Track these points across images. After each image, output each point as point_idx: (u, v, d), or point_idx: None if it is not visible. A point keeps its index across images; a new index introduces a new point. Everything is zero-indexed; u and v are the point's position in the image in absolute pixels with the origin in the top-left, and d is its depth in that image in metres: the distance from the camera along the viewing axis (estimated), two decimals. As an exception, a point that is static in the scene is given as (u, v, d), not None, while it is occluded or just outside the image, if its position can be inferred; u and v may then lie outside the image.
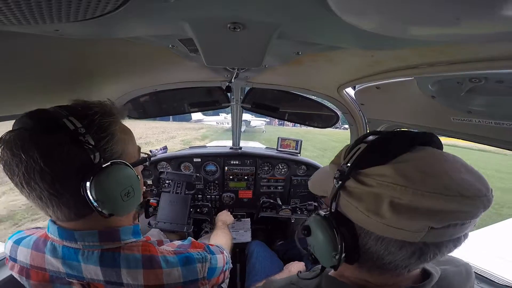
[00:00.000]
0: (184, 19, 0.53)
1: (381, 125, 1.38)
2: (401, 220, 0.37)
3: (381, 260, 0.43)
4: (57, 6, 0.35)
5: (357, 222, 0.43)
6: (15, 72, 0.71)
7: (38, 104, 0.55)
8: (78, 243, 0.55)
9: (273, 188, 2.08)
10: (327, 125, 1.83)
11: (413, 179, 0.37)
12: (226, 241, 1.15)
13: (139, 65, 1.11)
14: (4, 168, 0.49)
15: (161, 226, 1.49)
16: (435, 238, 0.38)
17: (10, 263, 0.62)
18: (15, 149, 0.47)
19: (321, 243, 0.46)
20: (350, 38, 0.60)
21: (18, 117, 0.51)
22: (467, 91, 0.69)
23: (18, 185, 0.49)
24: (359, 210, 0.42)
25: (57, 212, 0.52)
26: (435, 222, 0.36)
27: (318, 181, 0.60)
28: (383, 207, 0.38)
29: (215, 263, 0.68)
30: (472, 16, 0.29)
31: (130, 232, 0.61)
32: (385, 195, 0.38)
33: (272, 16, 0.50)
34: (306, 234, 0.50)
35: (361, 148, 0.45)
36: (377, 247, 0.42)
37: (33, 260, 0.58)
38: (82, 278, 0.56)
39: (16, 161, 0.47)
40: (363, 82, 1.10)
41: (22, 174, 0.47)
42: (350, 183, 0.43)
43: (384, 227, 0.39)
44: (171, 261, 0.60)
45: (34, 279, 0.59)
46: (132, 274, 0.56)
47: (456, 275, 0.53)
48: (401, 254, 0.41)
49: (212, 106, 1.78)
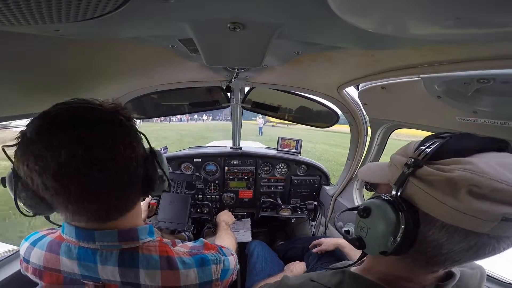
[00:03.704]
0: (184, 20, 0.53)
1: (383, 124, 1.38)
2: (478, 207, 0.37)
3: (437, 250, 0.43)
4: (57, 6, 0.35)
5: (424, 209, 0.43)
6: (15, 72, 0.71)
7: (38, 104, 0.55)
8: (97, 243, 0.55)
9: (273, 188, 2.08)
10: (327, 125, 1.83)
11: (497, 171, 0.38)
12: (232, 242, 1.16)
13: (139, 65, 1.11)
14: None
15: (162, 225, 1.49)
16: (502, 231, 0.38)
17: (24, 264, 0.62)
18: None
19: (381, 226, 0.46)
20: (350, 38, 0.60)
21: (18, 117, 0.51)
22: (473, 92, 0.69)
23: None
24: (430, 195, 0.41)
25: (98, 210, 0.52)
26: (511, 214, 0.36)
27: (376, 169, 0.60)
28: (461, 193, 0.38)
29: (227, 264, 0.68)
30: (472, 16, 0.29)
31: (146, 231, 0.61)
32: (464, 182, 0.38)
33: (272, 16, 0.50)
34: (365, 216, 0.49)
35: (437, 142, 0.45)
36: (440, 235, 0.42)
37: (47, 262, 0.58)
38: (97, 280, 0.56)
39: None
40: (363, 81, 1.10)
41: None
42: (423, 170, 0.43)
43: (455, 213, 0.38)
44: (188, 262, 0.60)
45: (47, 281, 0.58)
46: (150, 275, 0.56)
47: (472, 277, 0.53)
48: (462, 244, 0.41)
49: (212, 106, 1.78)
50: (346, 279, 0.54)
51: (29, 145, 0.45)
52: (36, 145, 0.45)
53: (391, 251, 0.45)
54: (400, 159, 0.49)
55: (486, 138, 0.44)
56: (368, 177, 0.61)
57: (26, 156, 0.45)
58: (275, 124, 27.25)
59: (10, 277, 0.95)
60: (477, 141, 0.44)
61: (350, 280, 0.53)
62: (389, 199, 0.46)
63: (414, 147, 0.48)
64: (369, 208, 0.49)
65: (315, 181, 2.05)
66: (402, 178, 0.46)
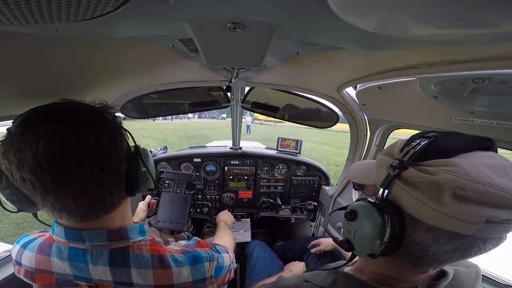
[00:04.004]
0: (184, 19, 0.53)
1: (382, 125, 1.38)
2: (462, 210, 0.37)
3: (424, 252, 0.43)
4: (57, 6, 0.35)
5: (409, 211, 0.43)
6: (15, 72, 0.71)
7: (38, 104, 0.55)
8: (86, 243, 0.55)
9: (273, 188, 2.08)
10: (327, 125, 1.83)
11: (482, 173, 0.37)
12: (230, 241, 1.16)
13: (139, 65, 1.11)
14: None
15: (161, 225, 1.49)
16: (487, 232, 0.38)
17: (16, 267, 0.62)
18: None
19: (368, 229, 0.46)
20: (350, 38, 0.60)
21: (14, 118, 0.51)
22: (469, 92, 0.69)
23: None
24: (415, 198, 0.41)
25: (83, 206, 0.51)
26: (495, 216, 0.36)
27: (363, 169, 0.59)
28: (445, 196, 0.38)
29: (222, 262, 0.68)
30: (473, 15, 0.29)
31: (136, 230, 0.61)
32: (448, 185, 0.38)
33: (272, 16, 0.50)
34: (351, 219, 0.49)
35: (422, 142, 0.44)
36: (425, 237, 0.42)
37: (39, 264, 0.58)
38: (90, 280, 0.56)
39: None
40: (363, 82, 1.10)
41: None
42: (408, 172, 0.43)
43: (440, 216, 0.38)
44: (180, 260, 0.60)
45: (40, 283, 0.58)
46: (142, 274, 0.56)
47: (467, 275, 0.53)
48: (448, 246, 0.41)
49: (212, 106, 1.78)
50: (339, 279, 0.54)
51: (12, 139, 0.46)
52: (17, 139, 0.46)
53: (378, 254, 0.45)
54: (385, 159, 0.48)
55: (471, 137, 0.44)
56: (356, 178, 0.60)
57: (8, 150, 0.46)
58: (263, 122, 27.19)
59: (9, 277, 0.95)
60: (462, 140, 0.44)
61: (343, 280, 0.53)
62: (375, 201, 0.46)
63: (400, 147, 0.48)
64: (355, 211, 0.48)
65: (315, 182, 2.05)
66: (388, 180, 0.45)
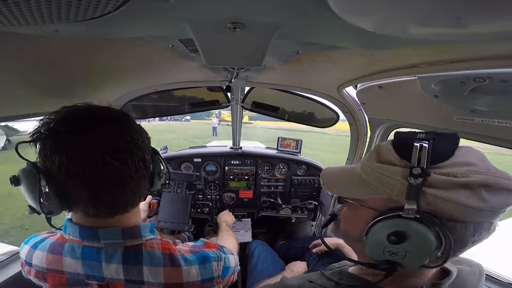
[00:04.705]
0: (184, 20, 0.53)
1: (382, 124, 1.38)
2: (497, 202, 0.41)
3: (463, 247, 0.45)
4: (57, 6, 0.35)
5: (447, 215, 0.42)
6: (16, 73, 0.71)
7: (38, 104, 0.55)
8: (101, 241, 0.56)
9: (273, 188, 2.08)
10: (327, 124, 1.82)
11: (491, 167, 0.42)
12: (234, 244, 1.16)
13: (139, 65, 1.11)
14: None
15: (162, 225, 1.49)
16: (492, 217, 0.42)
17: (26, 267, 0.62)
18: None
19: (424, 247, 0.43)
20: (350, 37, 0.60)
21: (19, 117, 0.52)
22: (470, 91, 0.69)
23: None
24: (452, 202, 0.41)
25: (110, 202, 0.55)
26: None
27: (346, 182, 0.56)
28: (482, 194, 0.40)
29: (228, 262, 0.69)
30: (473, 15, 0.29)
31: (148, 229, 0.62)
32: (479, 183, 0.40)
33: (272, 16, 0.50)
34: (398, 242, 0.45)
35: (425, 145, 0.44)
36: (467, 234, 0.43)
37: (50, 264, 0.58)
38: (102, 279, 0.56)
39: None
40: (363, 81, 1.10)
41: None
42: (433, 179, 0.42)
43: (481, 212, 0.41)
44: (190, 260, 0.61)
45: (51, 282, 0.59)
46: (154, 272, 0.57)
47: (470, 274, 0.54)
48: (474, 237, 0.44)
49: (212, 106, 1.78)
50: (343, 279, 0.54)
51: (57, 139, 0.49)
52: (65, 139, 0.49)
53: (435, 265, 0.47)
54: (392, 169, 0.46)
55: (449, 135, 0.47)
56: (345, 193, 0.56)
57: (53, 149, 0.49)
58: (229, 123, 26.53)
59: (11, 279, 0.95)
60: (448, 139, 0.46)
61: (347, 280, 0.53)
62: (415, 216, 0.43)
63: (396, 153, 0.46)
64: (403, 234, 0.44)
65: (315, 181, 2.05)
66: (414, 190, 0.43)
